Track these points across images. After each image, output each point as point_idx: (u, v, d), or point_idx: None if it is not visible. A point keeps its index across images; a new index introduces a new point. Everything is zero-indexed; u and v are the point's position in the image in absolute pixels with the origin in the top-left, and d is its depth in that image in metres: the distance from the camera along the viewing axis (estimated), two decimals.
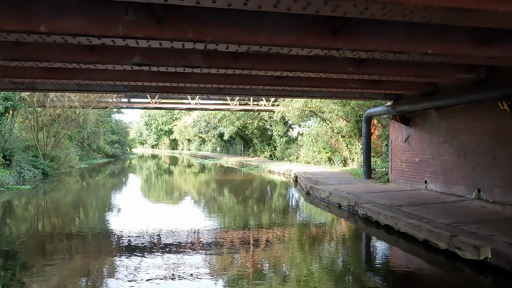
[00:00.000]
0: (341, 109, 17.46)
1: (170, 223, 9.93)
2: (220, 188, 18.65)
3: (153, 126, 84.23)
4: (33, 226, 9.60)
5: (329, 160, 24.35)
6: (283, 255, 6.92)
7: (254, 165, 28.83)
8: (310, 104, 19.68)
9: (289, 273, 6.03)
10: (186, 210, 12.13)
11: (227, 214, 11.38)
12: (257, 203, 13.41)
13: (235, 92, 11.97)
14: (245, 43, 5.99)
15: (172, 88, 11.34)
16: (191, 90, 11.63)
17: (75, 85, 10.97)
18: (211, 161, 40.78)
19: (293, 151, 30.49)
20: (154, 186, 20.59)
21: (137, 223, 9.37)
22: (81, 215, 11.68)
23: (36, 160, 21.41)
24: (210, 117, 40.84)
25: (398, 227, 7.60)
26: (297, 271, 6.06)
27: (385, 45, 6.38)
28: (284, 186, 19.04)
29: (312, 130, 25.48)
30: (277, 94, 12.24)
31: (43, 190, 16.85)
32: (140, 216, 10.72)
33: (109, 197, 15.93)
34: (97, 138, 39.37)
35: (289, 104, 21.02)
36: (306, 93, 12.30)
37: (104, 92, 11.64)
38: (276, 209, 12.30)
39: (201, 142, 64.18)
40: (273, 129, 33.48)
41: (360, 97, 12.85)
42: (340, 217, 10.32)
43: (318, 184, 13.71)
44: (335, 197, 11.32)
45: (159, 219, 10.41)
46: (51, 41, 5.87)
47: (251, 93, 12.10)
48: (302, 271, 6.03)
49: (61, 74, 9.09)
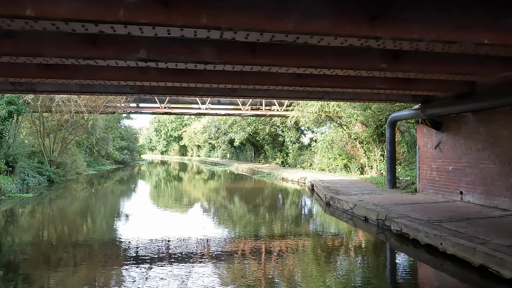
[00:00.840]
0: (361, 114, 16.37)
1: (179, 232, 9.39)
2: (231, 196, 17.66)
3: (162, 132, 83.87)
4: (30, 238, 8.71)
5: (345, 167, 23.20)
6: (306, 280, 5.87)
7: (266, 172, 27.80)
8: (326, 108, 18.64)
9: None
10: (195, 220, 11.15)
11: (239, 226, 10.36)
12: (272, 214, 12.36)
13: (250, 94, 11.01)
14: (268, 31, 5.04)
15: (182, 89, 10.43)
16: (203, 92, 10.71)
17: (76, 86, 10.14)
18: (221, 167, 39.86)
19: (306, 158, 29.39)
20: (164, 193, 19.69)
21: (146, 232, 9.21)
22: (85, 225, 10.82)
23: (41, 166, 20.72)
24: (220, 123, 39.96)
25: (444, 247, 6.50)
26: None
27: (434, 33, 5.37)
28: (300, 195, 17.97)
29: (327, 136, 24.38)
30: (294, 96, 11.26)
31: (46, 198, 16.05)
32: (148, 224, 10.40)
33: (116, 205, 15.06)
34: (106, 144, 38.79)
35: (304, 109, 19.96)
36: (327, 94, 11.29)
37: (109, 94, 10.76)
38: (293, 221, 11.26)
39: (210, 148, 63.40)
40: (285, 135, 32.45)
41: (386, 100, 11.78)
42: (369, 232, 9.22)
43: (339, 194, 12.63)
44: (360, 209, 10.23)
45: (168, 227, 10.13)
46: (40, 29, 5.00)
47: (266, 95, 11.14)
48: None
49: (60, 72, 8.25)
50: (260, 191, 20.45)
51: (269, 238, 8.69)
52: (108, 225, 10.74)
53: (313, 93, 11.23)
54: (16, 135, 17.98)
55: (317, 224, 11.01)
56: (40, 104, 18.47)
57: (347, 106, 17.55)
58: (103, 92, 10.50)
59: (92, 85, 10.19)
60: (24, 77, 8.28)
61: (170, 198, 17.82)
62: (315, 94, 11.29)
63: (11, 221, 11.18)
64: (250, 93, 11.02)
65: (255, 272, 6.15)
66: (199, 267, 6.33)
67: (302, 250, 7.75)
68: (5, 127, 15.94)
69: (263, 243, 8.18)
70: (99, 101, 21.76)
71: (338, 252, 7.66)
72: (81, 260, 6.93)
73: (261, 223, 10.95)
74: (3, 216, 11.81)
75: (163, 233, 9.11)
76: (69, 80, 8.54)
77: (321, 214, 12.23)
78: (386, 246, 8.15)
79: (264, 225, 10.54)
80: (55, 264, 6.78)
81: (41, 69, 7.99)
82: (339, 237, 9.05)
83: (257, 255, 7.23)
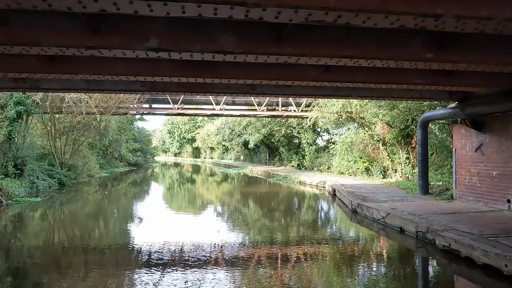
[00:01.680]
0: (387, 113, 15.24)
1: (193, 236, 8.97)
2: (246, 201, 16.73)
3: (175, 134, 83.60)
4: (35, 245, 7.94)
5: (366, 170, 22.03)
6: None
7: (282, 175, 26.79)
8: (348, 108, 17.55)
9: None
10: (210, 225, 10.24)
11: (256, 235, 9.41)
12: (292, 222, 11.37)
13: (270, 91, 10.06)
14: (304, 7, 4.10)
15: (196, 86, 9.56)
16: (219, 89, 9.81)
17: (83, 83, 9.36)
18: (234, 170, 38.99)
19: (324, 160, 28.28)
20: (177, 196, 18.87)
21: (159, 236, 9.04)
22: (96, 230, 10.09)
23: (52, 169, 20.17)
24: (234, 124, 39.09)
25: (509, 270, 5.42)
26: None
27: (508, 10, 4.34)
28: (320, 201, 16.92)
29: (347, 137, 23.24)
30: (319, 93, 10.25)
31: (55, 202, 15.40)
32: (161, 228, 10.08)
33: (129, 209, 14.31)
34: (118, 146, 38.38)
35: (324, 109, 18.86)
36: (355, 92, 10.25)
37: (119, 92, 9.99)
38: (317, 231, 10.25)
39: (224, 150, 62.68)
40: (302, 137, 31.37)
41: (419, 97, 10.67)
42: (407, 247, 8.16)
43: (367, 201, 11.56)
44: (395, 219, 9.16)
45: (182, 231, 9.87)
46: (30, 7, 4.16)
47: (289, 92, 10.17)
48: None
49: (62, 66, 7.47)
50: (276, 195, 19.46)
51: (291, 250, 7.71)
52: (120, 229, 10.27)
53: (340, 90, 10.21)
54: (26, 136, 17.41)
55: (345, 236, 9.95)
56: (50, 104, 17.89)
57: (372, 105, 16.43)
58: (112, 90, 9.71)
59: (100, 82, 9.40)
60: (24, 72, 7.51)
61: (184, 201, 16.99)
62: (342, 91, 10.26)
63: (14, 228, 10.46)
64: (271, 90, 10.07)
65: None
66: (213, 273, 6.11)
67: (331, 267, 6.75)
68: (13, 128, 15.37)
69: (284, 255, 7.20)
70: (111, 102, 21.14)
71: (377, 270, 6.63)
72: (92, 265, 6.79)
73: (280, 231, 9.98)
74: (6, 223, 11.12)
75: (176, 237, 9.04)
76: (74, 75, 7.74)
77: (348, 223, 11.16)
78: (433, 265, 7.07)
79: (284, 234, 9.57)
80: (64, 271, 6.18)
81: (41, 62, 7.22)
82: (374, 252, 8.01)
83: (277, 269, 6.26)
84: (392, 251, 8.18)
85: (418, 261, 7.46)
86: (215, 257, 7.05)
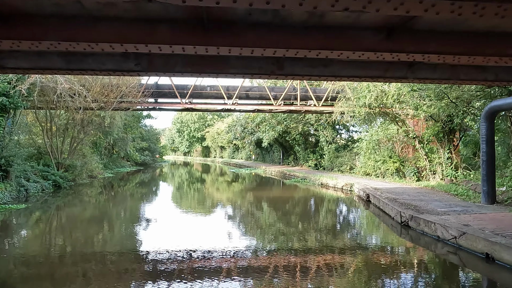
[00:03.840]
0: (434, 104, 12.71)
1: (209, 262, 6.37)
2: (262, 208, 14.42)
3: (185, 133, 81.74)
4: None
5: (397, 172, 19.56)
6: None
7: (300, 176, 24.41)
8: (384, 99, 15.08)
9: None
10: (225, 242, 7.99)
11: (276, 255, 7.09)
12: (321, 238, 8.99)
13: (303, 71, 7.72)
14: None
15: (208, 64, 7.32)
16: (237, 69, 7.53)
17: (60, 60, 7.17)
18: (247, 170, 36.72)
19: (345, 160, 25.82)
20: (187, 202, 16.67)
21: (165, 243, 8.30)
22: (89, 248, 7.88)
23: (47, 170, 18.14)
24: (247, 121, 36.74)
25: None
26: None
27: None
28: (351, 208, 14.50)
29: (375, 134, 20.78)
30: (365, 75, 7.88)
31: (44, 210, 13.29)
32: (168, 236, 9.19)
33: (131, 215, 12.14)
34: (125, 145, 36.44)
35: (353, 102, 16.31)
36: (413, 72, 7.86)
37: (107, 73, 7.74)
38: (358, 253, 7.85)
39: (234, 149, 60.54)
40: (320, 135, 28.92)
41: (495, 80, 8.22)
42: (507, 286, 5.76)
43: (422, 212, 9.15)
44: (475, 241, 6.76)
45: (192, 243, 8.30)
46: None
47: (327, 73, 7.82)
48: None
49: (21, 29, 5.28)
50: (297, 201, 17.11)
51: (327, 282, 5.38)
52: (119, 242, 8.47)
53: (392, 70, 7.86)
54: (13, 133, 15.36)
55: (402, 263, 7.49)
56: (39, 97, 15.76)
57: (412, 96, 13.96)
58: (99, 70, 7.47)
59: (81, 59, 7.21)
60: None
61: (195, 210, 14.73)
62: (394, 71, 7.90)
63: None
64: (303, 71, 7.74)
65: None
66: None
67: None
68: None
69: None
70: (112, 95, 19.04)
71: None
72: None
73: (309, 252, 7.63)
74: None
75: (185, 245, 8.05)
76: (38, 42, 5.52)
77: (400, 243, 8.73)
78: None
79: (314, 259, 7.21)
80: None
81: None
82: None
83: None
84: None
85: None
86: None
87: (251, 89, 22.80)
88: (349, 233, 9.93)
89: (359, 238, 9.26)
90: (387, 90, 14.85)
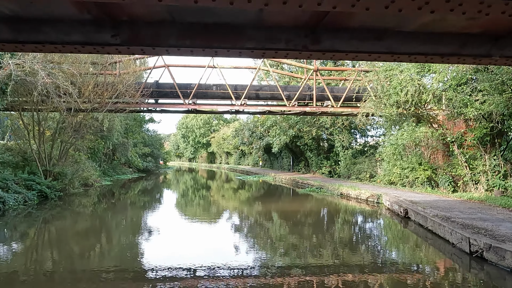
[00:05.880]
0: (491, 100, 10.34)
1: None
2: (276, 223, 12.10)
3: (190, 138, 79.76)
4: None
5: (429, 181, 17.20)
6: None
7: (314, 185, 22.08)
8: (424, 95, 12.74)
9: None
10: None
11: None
12: (363, 276, 6.70)
13: (346, 46, 5.54)
14: None
15: (214, 34, 5.16)
16: (255, 41, 5.37)
17: (6, 30, 5.06)
18: (254, 177, 34.42)
19: (365, 167, 23.45)
20: (191, 214, 14.44)
21: (168, 259, 7.31)
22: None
23: (32, 178, 16.03)
24: (256, 125, 34.46)
25: None
26: None
27: None
28: (386, 227, 12.08)
29: (401, 138, 18.46)
30: (434, 51, 5.68)
31: (13, 227, 11.11)
32: (171, 251, 8.19)
33: (125, 237, 9.92)
34: (125, 150, 34.36)
35: (382, 100, 13.90)
36: (500, 47, 5.66)
37: (74, 48, 5.53)
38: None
39: (240, 155, 58.32)
40: (335, 139, 26.60)
41: None
42: None
43: (504, 241, 6.83)
44: None
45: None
46: None
47: (381, 48, 5.62)
48: None
49: None
50: (316, 215, 14.81)
51: None
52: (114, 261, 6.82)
53: (470, 45, 5.67)
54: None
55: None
56: (18, 96, 13.63)
57: (459, 91, 11.67)
58: (61, 43, 5.31)
59: (35, 29, 5.10)
60: None
61: (200, 228, 12.48)
62: (473, 47, 5.71)
63: None
64: (347, 45, 5.57)
65: None
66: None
67: None
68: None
69: None
70: (106, 94, 16.95)
71: None
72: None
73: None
74: None
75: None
76: None
77: (479, 285, 6.39)
78: None
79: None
80: None
81: None
82: None
83: None
84: None
85: None
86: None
87: (262, 88, 20.60)
88: (394, 267, 7.54)
89: (413, 277, 6.88)
90: (425, 84, 12.52)
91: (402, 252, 8.82)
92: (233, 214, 15.24)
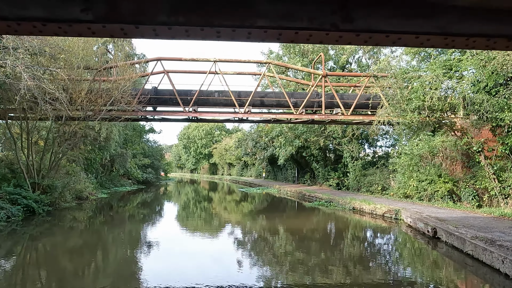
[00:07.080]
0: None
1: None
2: (284, 243, 10.67)
3: (191, 149, 78.50)
4: None
5: (450, 194, 15.79)
6: None
7: (323, 199, 20.66)
8: (454, 99, 11.44)
9: None
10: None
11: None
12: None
13: (385, 25, 4.27)
14: None
15: (217, 7, 3.91)
16: (268, 20, 4.09)
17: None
18: (258, 189, 32.97)
19: (376, 179, 22.03)
20: (191, 236, 13.05)
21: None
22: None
23: (18, 192, 14.73)
24: (260, 135, 33.15)
25: None
26: None
27: None
28: (412, 250, 10.58)
29: (415, 148, 17.13)
30: (495, 32, 4.43)
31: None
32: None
33: (118, 258, 8.53)
34: (124, 161, 33.10)
35: (402, 105, 12.52)
36: None
37: (30, 25, 4.25)
38: None
39: (243, 166, 56.92)
40: (344, 149, 25.26)
41: None
42: None
43: None
44: None
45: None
46: None
47: (430, 28, 4.34)
48: None
49: None
50: (328, 234, 13.40)
51: None
52: None
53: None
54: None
55: None
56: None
57: (493, 92, 10.40)
58: (14, 20, 4.06)
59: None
60: None
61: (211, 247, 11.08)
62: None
63: None
64: (386, 23, 4.30)
65: None
66: None
67: None
68: None
69: None
70: (100, 101, 15.74)
71: None
72: None
73: None
74: None
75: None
76: None
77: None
78: None
79: None
80: None
81: None
82: None
83: None
84: None
85: None
86: None
87: (267, 95, 19.37)
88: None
89: None
90: (455, 86, 11.24)
91: (440, 283, 7.39)
92: (236, 231, 13.83)
